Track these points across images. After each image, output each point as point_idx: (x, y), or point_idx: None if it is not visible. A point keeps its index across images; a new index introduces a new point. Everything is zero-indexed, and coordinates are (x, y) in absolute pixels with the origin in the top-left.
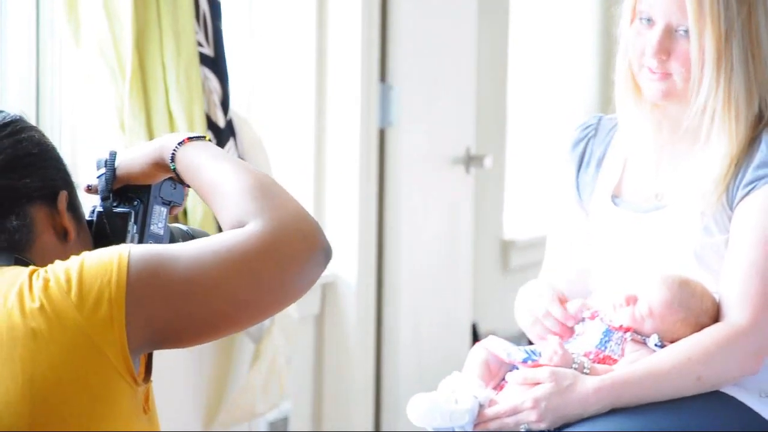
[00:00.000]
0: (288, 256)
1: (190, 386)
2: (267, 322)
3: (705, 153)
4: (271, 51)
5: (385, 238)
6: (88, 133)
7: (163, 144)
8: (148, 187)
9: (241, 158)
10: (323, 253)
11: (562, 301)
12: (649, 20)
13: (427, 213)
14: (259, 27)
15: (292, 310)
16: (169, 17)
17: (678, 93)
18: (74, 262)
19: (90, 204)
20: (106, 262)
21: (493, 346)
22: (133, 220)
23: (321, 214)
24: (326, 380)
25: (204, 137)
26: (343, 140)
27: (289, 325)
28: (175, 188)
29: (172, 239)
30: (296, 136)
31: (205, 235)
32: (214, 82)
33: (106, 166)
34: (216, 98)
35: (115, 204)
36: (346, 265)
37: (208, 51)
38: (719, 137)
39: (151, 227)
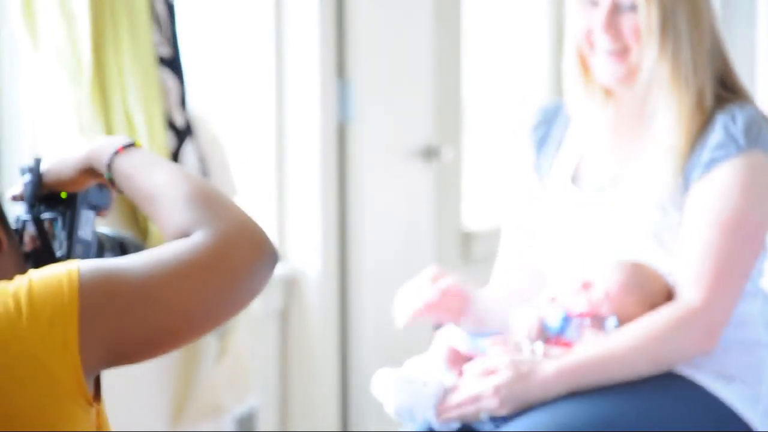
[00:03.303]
0: (239, 264)
1: (155, 385)
2: None
3: (660, 134)
4: (229, 49)
5: (347, 232)
6: (48, 137)
7: (93, 151)
8: (74, 192)
9: (202, 158)
10: (272, 259)
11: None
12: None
13: (388, 206)
14: (216, 25)
15: (256, 306)
16: (125, 19)
17: (633, 75)
18: (21, 284)
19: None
20: (56, 282)
21: (457, 343)
22: (60, 226)
23: (283, 210)
24: (292, 375)
25: (135, 143)
26: (303, 136)
27: (253, 321)
28: (102, 192)
29: (100, 244)
30: (256, 133)
31: (132, 238)
32: (171, 83)
33: (31, 173)
34: (174, 98)
35: (41, 211)
36: (310, 260)
37: (165, 51)
38: (667, 109)
39: (79, 232)
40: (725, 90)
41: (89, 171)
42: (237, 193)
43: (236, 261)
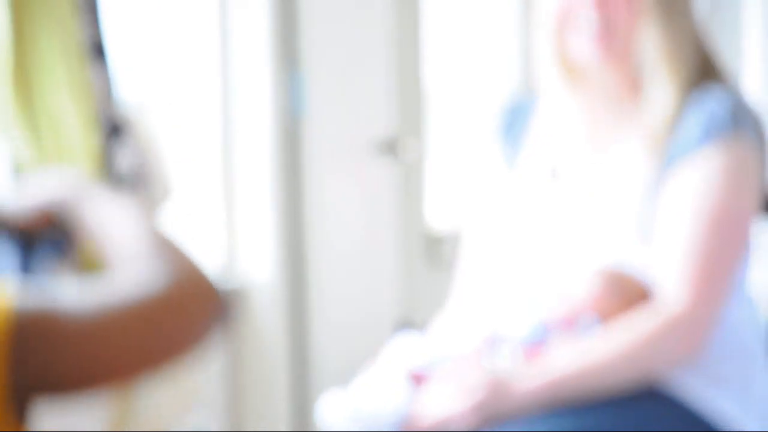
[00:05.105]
0: (189, 310)
1: (91, 403)
2: None
3: (650, 121)
4: (168, 37)
5: (301, 237)
6: None
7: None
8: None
9: (137, 157)
10: (221, 307)
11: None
12: None
13: (347, 206)
14: (156, 14)
15: None
16: (47, 8)
17: (620, 52)
18: None
19: None
20: None
21: (415, 357)
22: (14, 270)
23: (230, 214)
24: (245, 396)
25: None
26: (251, 132)
27: None
28: (59, 237)
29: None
30: (201, 131)
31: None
32: (102, 77)
33: None
34: (105, 94)
35: None
36: (261, 269)
37: (92, 40)
38: (660, 90)
39: (34, 277)
40: (706, 71)
41: (47, 214)
42: (174, 196)
43: (189, 306)
